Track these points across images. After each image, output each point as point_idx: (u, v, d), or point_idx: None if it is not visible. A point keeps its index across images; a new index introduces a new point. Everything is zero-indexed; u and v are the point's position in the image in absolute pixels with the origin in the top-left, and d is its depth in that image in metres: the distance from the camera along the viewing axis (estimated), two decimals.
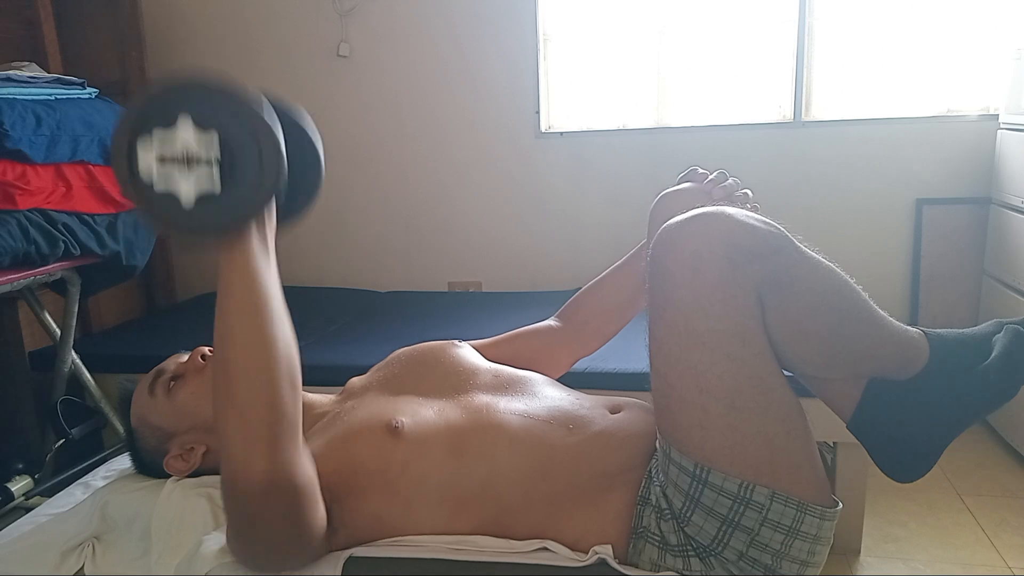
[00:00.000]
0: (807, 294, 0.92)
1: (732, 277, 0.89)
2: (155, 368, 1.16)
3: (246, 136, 0.76)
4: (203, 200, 0.76)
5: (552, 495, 0.98)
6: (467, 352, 1.21)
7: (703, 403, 0.91)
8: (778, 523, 0.91)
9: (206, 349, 1.16)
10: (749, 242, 0.89)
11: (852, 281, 0.96)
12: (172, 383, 1.12)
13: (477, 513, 0.97)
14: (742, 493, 0.90)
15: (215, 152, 0.75)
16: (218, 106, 0.76)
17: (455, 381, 1.12)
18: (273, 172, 0.77)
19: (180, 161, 0.75)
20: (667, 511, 0.95)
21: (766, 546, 0.91)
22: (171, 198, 0.76)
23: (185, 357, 1.17)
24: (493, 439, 0.99)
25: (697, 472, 0.92)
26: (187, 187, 0.76)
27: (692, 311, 0.90)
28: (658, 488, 0.97)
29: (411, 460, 0.97)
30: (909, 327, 0.99)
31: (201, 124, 0.76)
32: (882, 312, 0.97)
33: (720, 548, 0.92)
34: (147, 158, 0.74)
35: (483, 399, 1.07)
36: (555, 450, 1.00)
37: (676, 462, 0.94)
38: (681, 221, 0.91)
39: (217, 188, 0.76)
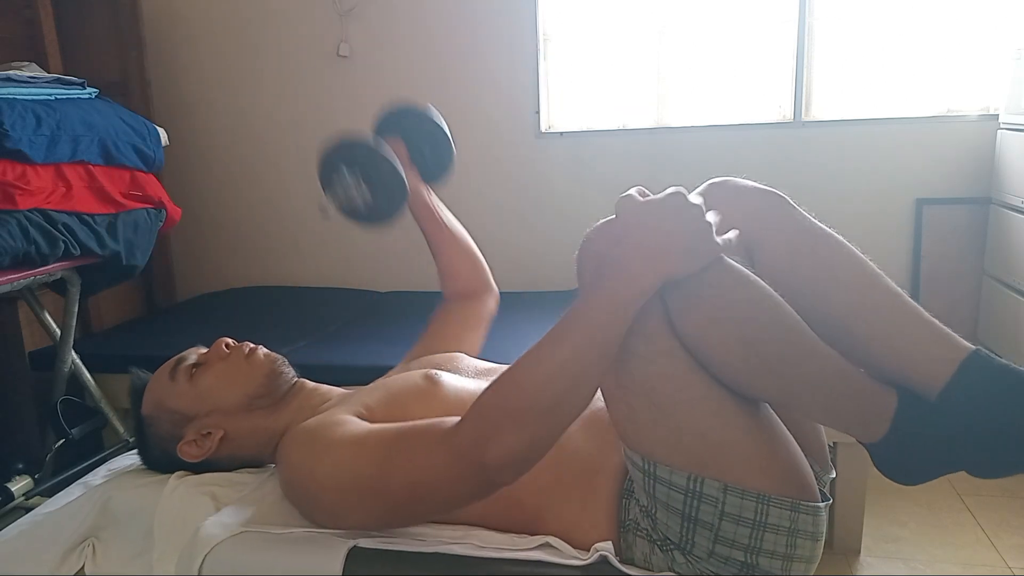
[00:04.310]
0: (717, 298, 0.87)
1: None
2: (176, 356, 1.18)
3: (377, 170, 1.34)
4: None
5: (554, 462, 0.96)
6: (470, 359, 1.30)
7: (626, 398, 0.91)
8: (739, 516, 0.88)
9: (228, 339, 1.19)
10: None
11: (799, 322, 0.88)
12: (194, 370, 1.14)
13: None
14: (691, 486, 0.88)
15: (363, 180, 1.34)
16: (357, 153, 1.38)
17: (470, 373, 1.23)
18: (399, 185, 1.34)
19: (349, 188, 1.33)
20: (647, 505, 0.95)
21: (733, 541, 0.88)
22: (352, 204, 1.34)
23: (204, 350, 1.19)
24: None
25: (645, 467, 0.91)
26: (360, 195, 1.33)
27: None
28: None
29: (445, 407, 1.03)
30: (884, 386, 0.91)
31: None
32: (844, 360, 0.89)
33: (689, 546, 0.91)
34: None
35: None
36: None
37: (629, 458, 0.93)
38: (603, 222, 0.93)
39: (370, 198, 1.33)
